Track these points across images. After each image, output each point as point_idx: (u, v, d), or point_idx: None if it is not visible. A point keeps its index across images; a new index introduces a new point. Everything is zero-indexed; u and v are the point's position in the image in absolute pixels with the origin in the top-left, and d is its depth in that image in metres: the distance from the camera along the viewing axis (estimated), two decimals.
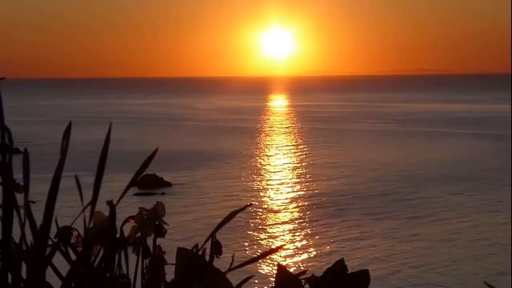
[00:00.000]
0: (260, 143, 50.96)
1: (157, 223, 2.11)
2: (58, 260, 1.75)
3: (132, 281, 2.00)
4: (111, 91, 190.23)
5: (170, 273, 2.07)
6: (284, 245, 17.99)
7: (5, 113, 1.73)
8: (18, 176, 1.74)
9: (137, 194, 28.95)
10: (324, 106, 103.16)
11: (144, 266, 2.10)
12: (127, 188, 1.74)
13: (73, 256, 1.81)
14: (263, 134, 58.53)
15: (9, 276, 1.67)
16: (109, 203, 1.69)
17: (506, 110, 76.85)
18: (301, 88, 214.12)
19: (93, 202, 1.71)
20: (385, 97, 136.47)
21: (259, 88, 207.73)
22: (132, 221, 2.10)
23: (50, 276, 1.74)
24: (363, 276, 2.38)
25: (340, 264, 2.38)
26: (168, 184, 31.83)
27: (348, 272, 2.38)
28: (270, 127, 66.27)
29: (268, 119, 77.94)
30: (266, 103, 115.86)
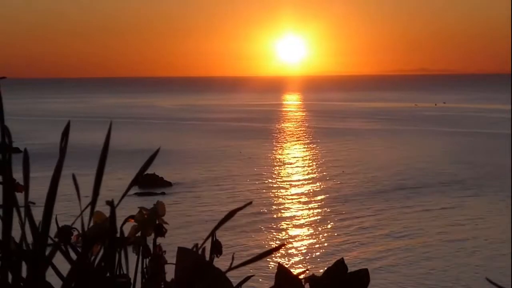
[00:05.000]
0: (259, 143, 50.93)
1: (157, 222, 2.11)
2: (58, 259, 1.75)
3: (132, 280, 1.99)
4: (126, 90, 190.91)
5: (170, 273, 2.07)
6: (285, 244, 17.99)
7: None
8: (17, 175, 1.74)
9: (137, 194, 28.95)
10: (325, 106, 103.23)
11: (144, 266, 2.10)
12: (129, 187, 1.74)
13: (74, 256, 1.81)
14: (263, 134, 58.49)
15: (9, 275, 1.67)
16: (109, 203, 1.69)
17: (480, 109, 78.70)
18: (307, 88, 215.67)
19: (93, 202, 1.71)
20: (383, 96, 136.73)
21: (267, 88, 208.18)
22: (132, 220, 2.10)
23: (50, 275, 1.74)
24: (363, 276, 2.38)
25: (340, 264, 2.38)
26: (168, 184, 31.82)
27: (348, 272, 2.38)
28: (270, 127, 66.25)
29: (269, 119, 77.91)
30: (268, 103, 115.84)
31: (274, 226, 24.42)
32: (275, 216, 25.97)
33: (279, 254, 19.81)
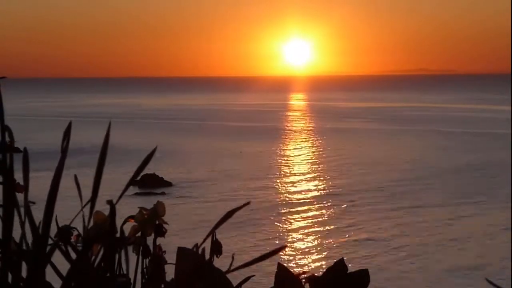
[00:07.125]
0: (259, 143, 50.90)
1: (157, 222, 2.11)
2: (59, 259, 1.75)
3: (132, 281, 2.00)
4: (128, 90, 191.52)
5: (170, 273, 2.07)
6: (286, 246, 17.96)
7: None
8: (17, 175, 1.74)
9: (137, 194, 28.94)
10: (326, 106, 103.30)
11: (144, 266, 2.10)
12: (127, 186, 1.74)
13: (73, 256, 1.81)
14: (263, 134, 58.47)
15: (9, 275, 1.67)
16: (109, 202, 1.69)
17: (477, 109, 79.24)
18: (311, 88, 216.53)
19: (92, 201, 1.71)
20: (381, 96, 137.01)
21: (272, 88, 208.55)
22: (132, 220, 2.10)
23: (50, 275, 1.74)
24: (363, 276, 2.38)
25: (340, 264, 2.38)
26: (169, 184, 31.80)
27: (348, 272, 2.38)
28: (270, 127, 66.23)
29: (270, 118, 77.87)
30: (271, 103, 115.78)
31: (274, 226, 24.41)
32: (274, 215, 25.97)
33: (278, 254, 19.80)
